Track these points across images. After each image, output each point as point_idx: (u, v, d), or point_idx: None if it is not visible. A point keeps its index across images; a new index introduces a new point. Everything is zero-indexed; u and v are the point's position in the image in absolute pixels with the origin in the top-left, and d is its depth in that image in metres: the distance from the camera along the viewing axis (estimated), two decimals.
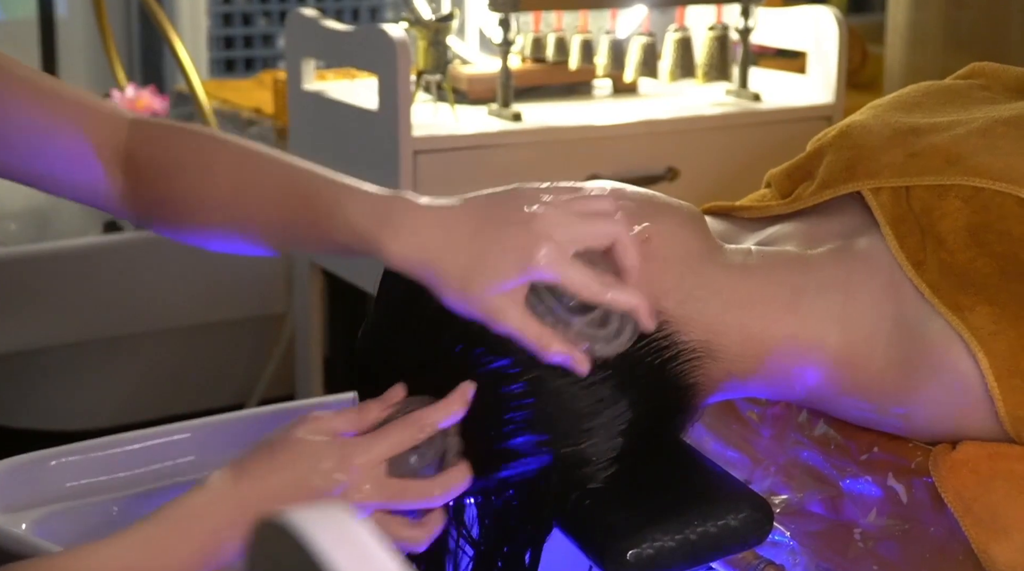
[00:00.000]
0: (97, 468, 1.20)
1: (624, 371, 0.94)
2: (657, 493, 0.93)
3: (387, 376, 0.95)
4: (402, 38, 1.83)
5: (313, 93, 2.10)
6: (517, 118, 1.96)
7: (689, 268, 0.99)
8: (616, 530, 0.91)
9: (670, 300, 0.97)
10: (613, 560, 0.89)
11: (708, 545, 0.92)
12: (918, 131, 1.10)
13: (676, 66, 2.11)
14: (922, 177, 1.05)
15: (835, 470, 1.06)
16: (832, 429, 1.07)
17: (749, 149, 2.11)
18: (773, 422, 1.13)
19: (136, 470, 1.24)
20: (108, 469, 1.21)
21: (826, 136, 1.16)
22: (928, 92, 1.20)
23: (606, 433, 0.93)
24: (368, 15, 4.07)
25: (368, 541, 0.34)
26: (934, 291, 0.99)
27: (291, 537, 0.36)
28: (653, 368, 0.96)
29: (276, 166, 1.01)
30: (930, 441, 1.01)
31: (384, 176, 1.90)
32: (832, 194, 1.09)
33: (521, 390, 0.92)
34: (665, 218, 1.00)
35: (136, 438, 1.28)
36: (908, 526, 1.01)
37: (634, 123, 2.03)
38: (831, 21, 2.15)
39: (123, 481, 1.21)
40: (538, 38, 2.12)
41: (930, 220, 1.03)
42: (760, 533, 0.94)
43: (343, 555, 0.34)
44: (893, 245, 1.02)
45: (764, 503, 0.94)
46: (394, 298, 0.98)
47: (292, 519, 0.36)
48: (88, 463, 1.20)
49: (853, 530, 1.03)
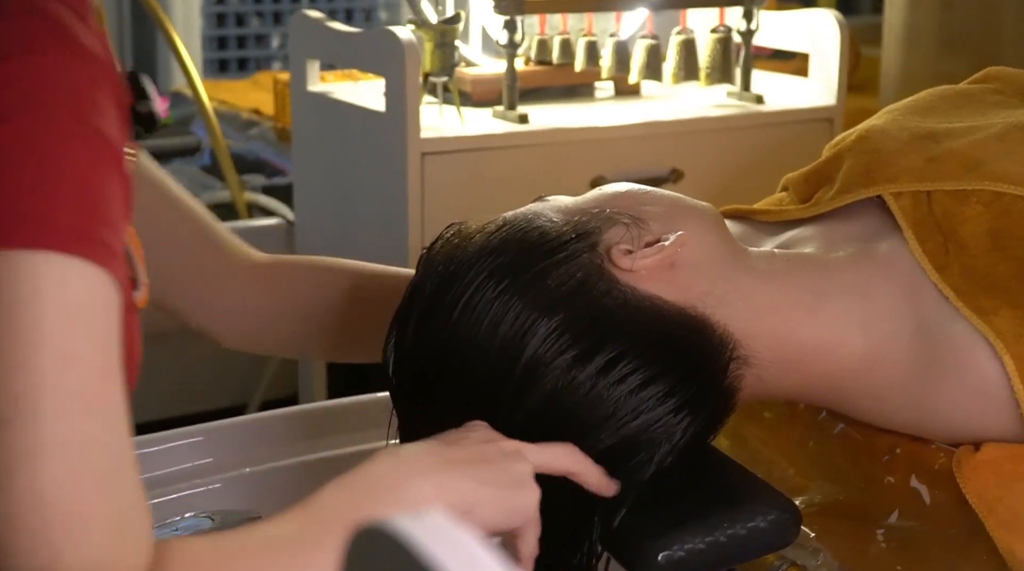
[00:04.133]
0: None
1: (696, 388, 0.95)
2: (686, 496, 0.94)
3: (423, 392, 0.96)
4: (411, 40, 1.83)
5: (318, 94, 2.10)
6: (523, 120, 1.96)
7: (720, 273, 0.99)
8: (646, 533, 0.91)
9: (707, 307, 0.97)
10: (644, 563, 0.90)
11: (737, 547, 0.92)
12: (936, 136, 1.11)
13: (679, 68, 2.12)
14: (942, 182, 1.06)
15: (855, 471, 1.07)
16: (852, 430, 1.08)
17: (752, 151, 2.12)
18: (790, 423, 1.14)
19: (148, 474, 1.24)
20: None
21: (844, 141, 1.17)
22: (944, 96, 1.21)
23: (668, 447, 0.94)
24: (362, 16, 4.07)
25: (475, 546, 0.35)
26: (958, 295, 1.00)
27: (396, 543, 0.36)
28: (722, 385, 0.97)
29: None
30: (952, 443, 1.02)
31: (391, 178, 1.91)
32: (851, 198, 1.10)
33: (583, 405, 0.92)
34: (694, 222, 1.00)
35: (148, 442, 1.28)
36: (930, 527, 1.01)
37: (639, 125, 2.04)
38: (832, 24, 2.16)
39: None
40: (543, 40, 2.12)
41: (951, 225, 1.04)
42: (788, 535, 0.94)
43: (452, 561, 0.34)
44: (915, 249, 1.03)
45: (792, 505, 0.95)
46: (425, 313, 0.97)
47: (395, 525, 0.36)
48: None
49: (875, 531, 1.04)
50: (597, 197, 1.02)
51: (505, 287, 0.93)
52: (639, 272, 0.95)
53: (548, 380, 0.91)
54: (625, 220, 0.98)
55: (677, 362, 0.94)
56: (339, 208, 2.10)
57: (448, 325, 0.93)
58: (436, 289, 0.95)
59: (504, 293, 0.92)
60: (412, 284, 0.97)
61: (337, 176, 2.09)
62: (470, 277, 0.94)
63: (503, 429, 0.89)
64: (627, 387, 0.92)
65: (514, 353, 0.91)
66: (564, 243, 0.96)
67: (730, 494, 0.95)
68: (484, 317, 0.92)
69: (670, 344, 0.94)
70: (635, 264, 0.95)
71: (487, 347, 0.92)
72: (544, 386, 0.91)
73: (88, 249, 0.69)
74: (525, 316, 0.92)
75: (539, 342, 0.91)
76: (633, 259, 0.95)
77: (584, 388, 0.91)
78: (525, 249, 0.95)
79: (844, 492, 1.08)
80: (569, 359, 0.91)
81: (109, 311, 0.70)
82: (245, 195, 2.52)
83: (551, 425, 0.91)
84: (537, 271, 0.94)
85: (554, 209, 1.00)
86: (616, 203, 1.01)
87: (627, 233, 0.97)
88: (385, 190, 1.93)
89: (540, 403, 0.91)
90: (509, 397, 0.91)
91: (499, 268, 0.94)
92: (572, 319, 0.92)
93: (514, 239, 0.96)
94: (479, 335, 0.92)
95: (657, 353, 0.93)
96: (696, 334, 0.95)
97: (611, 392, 0.91)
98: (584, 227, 0.97)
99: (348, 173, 2.04)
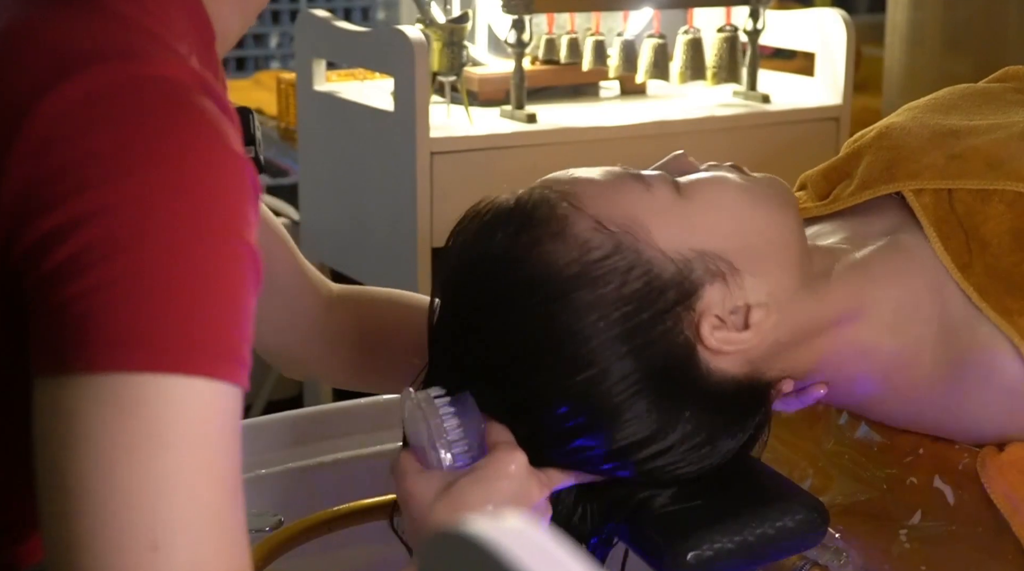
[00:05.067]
0: None
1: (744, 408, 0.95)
2: (714, 495, 0.93)
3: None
4: (420, 39, 1.83)
5: (325, 94, 2.10)
6: (532, 119, 1.96)
7: (790, 333, 0.96)
8: (675, 532, 0.91)
9: (771, 369, 0.96)
10: (673, 562, 0.90)
11: (766, 546, 0.92)
12: (957, 133, 1.11)
13: (686, 67, 2.12)
14: (964, 180, 1.06)
15: (877, 472, 1.07)
16: (874, 431, 1.07)
17: (758, 150, 2.12)
18: (810, 423, 1.14)
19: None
20: None
21: (863, 137, 1.16)
22: (964, 95, 1.20)
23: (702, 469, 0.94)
24: (360, 14, 4.06)
25: (557, 548, 0.34)
26: (982, 294, 0.99)
27: (475, 547, 0.36)
28: (766, 414, 0.97)
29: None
30: (976, 443, 1.01)
31: (400, 178, 1.90)
32: (871, 195, 1.09)
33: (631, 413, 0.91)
34: (782, 271, 0.96)
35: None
36: (955, 527, 1.01)
37: (647, 124, 2.04)
38: (839, 23, 2.16)
39: None
40: (551, 39, 2.12)
41: (973, 223, 1.04)
42: (816, 534, 0.94)
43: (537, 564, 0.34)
44: (938, 246, 1.02)
45: (820, 504, 0.94)
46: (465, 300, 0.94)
47: (474, 529, 0.36)
48: None
49: (898, 531, 1.04)
50: (712, 212, 0.94)
51: (597, 319, 0.89)
52: (722, 350, 0.92)
53: (604, 399, 0.90)
54: (724, 269, 0.92)
55: (728, 425, 0.93)
56: (345, 208, 2.10)
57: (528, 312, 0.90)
58: (524, 284, 0.91)
59: (591, 319, 0.89)
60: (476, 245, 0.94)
61: (343, 176, 2.09)
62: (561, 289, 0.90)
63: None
64: (678, 436, 0.91)
65: (577, 370, 0.89)
66: (664, 295, 0.90)
67: (758, 494, 0.94)
68: (563, 324, 0.89)
69: (726, 414, 0.93)
70: (722, 346, 0.91)
71: (552, 351, 0.90)
72: (595, 403, 0.90)
73: (229, 371, 0.69)
74: (603, 351, 0.89)
75: (609, 383, 0.89)
76: (720, 341, 0.91)
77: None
78: (627, 287, 0.90)
79: (866, 492, 1.08)
80: (630, 398, 0.90)
81: (238, 428, 0.71)
82: None
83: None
84: (631, 317, 0.90)
85: (664, 220, 0.93)
86: (726, 230, 0.94)
87: (722, 298, 0.92)
88: (394, 190, 1.92)
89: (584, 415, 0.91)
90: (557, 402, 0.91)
91: (600, 300, 0.89)
92: (645, 382, 0.89)
93: (618, 270, 0.90)
94: (551, 340, 0.90)
95: (712, 421, 0.92)
96: (756, 398, 0.95)
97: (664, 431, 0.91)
98: (688, 275, 0.91)
99: (355, 173, 2.04)
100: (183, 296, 0.68)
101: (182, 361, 0.68)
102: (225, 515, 0.69)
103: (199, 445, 0.68)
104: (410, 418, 0.91)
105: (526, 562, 0.33)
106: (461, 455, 0.89)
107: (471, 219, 0.95)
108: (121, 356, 0.67)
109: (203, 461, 0.68)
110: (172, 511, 0.67)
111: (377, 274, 2.06)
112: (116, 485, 0.67)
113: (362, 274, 2.13)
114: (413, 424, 0.91)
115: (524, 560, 0.33)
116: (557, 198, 0.92)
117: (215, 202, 0.70)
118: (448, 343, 0.93)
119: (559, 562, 0.34)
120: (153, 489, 0.67)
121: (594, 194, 0.92)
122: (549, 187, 0.94)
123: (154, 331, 0.67)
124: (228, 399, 0.70)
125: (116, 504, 0.66)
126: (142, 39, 0.73)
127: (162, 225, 0.68)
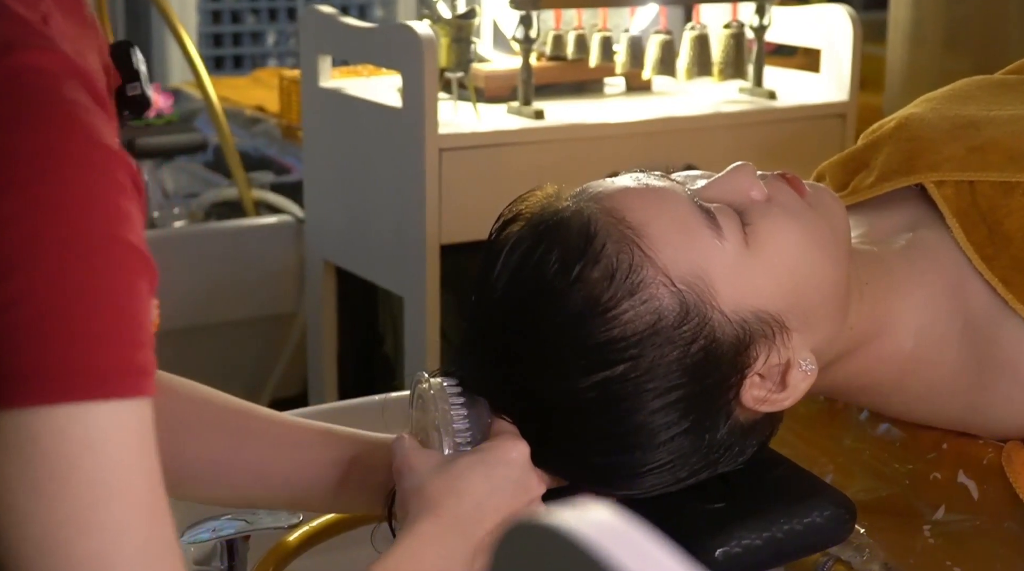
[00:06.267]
0: None
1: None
2: (743, 491, 0.93)
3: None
4: (429, 35, 1.82)
5: (330, 91, 2.09)
6: (539, 116, 1.95)
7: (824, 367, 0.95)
8: (703, 528, 0.90)
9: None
10: (702, 558, 0.89)
11: (794, 542, 0.91)
12: (977, 124, 1.10)
13: (693, 64, 2.12)
14: (987, 172, 1.05)
15: (899, 467, 1.06)
16: (896, 428, 1.07)
17: (764, 146, 2.12)
18: (830, 419, 1.13)
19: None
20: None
21: (881, 128, 1.15)
22: (981, 86, 1.20)
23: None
24: (357, 11, 4.06)
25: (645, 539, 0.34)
26: (1007, 287, 0.99)
27: (559, 539, 0.35)
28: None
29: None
30: (1001, 438, 1.01)
31: (408, 175, 1.89)
32: (891, 186, 1.08)
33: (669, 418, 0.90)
34: (831, 327, 0.95)
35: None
36: (979, 522, 1.01)
37: (654, 120, 2.04)
38: (845, 19, 2.15)
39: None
40: (558, 36, 2.12)
41: (996, 217, 1.03)
42: (845, 530, 0.93)
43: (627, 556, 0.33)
44: (961, 238, 1.02)
45: (847, 500, 0.94)
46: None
47: (557, 520, 0.35)
48: None
49: (922, 526, 1.03)
50: (775, 270, 0.90)
51: (651, 388, 0.87)
52: (757, 410, 0.91)
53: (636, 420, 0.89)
54: (776, 330, 0.90)
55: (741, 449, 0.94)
56: (351, 205, 2.09)
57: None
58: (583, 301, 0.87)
59: (647, 386, 0.87)
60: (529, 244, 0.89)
61: (349, 173, 2.08)
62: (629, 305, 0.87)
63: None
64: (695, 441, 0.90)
65: (622, 429, 0.88)
66: (719, 368, 0.88)
67: (786, 490, 0.94)
68: (615, 393, 0.88)
69: (743, 439, 0.93)
70: (757, 407, 0.90)
71: (600, 415, 0.88)
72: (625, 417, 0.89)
73: (130, 386, 0.66)
74: (651, 423, 0.88)
75: (646, 413, 0.88)
76: (756, 400, 0.90)
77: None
78: (689, 359, 0.88)
79: (887, 488, 1.07)
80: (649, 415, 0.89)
81: (151, 439, 0.67)
82: (252, 193, 2.51)
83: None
84: (684, 386, 0.88)
85: (730, 279, 0.89)
86: (786, 289, 0.91)
87: (767, 356, 0.90)
88: (402, 186, 1.91)
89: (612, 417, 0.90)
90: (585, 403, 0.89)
91: (658, 368, 0.87)
92: (679, 427, 0.89)
93: (682, 341, 0.87)
94: (601, 404, 0.88)
95: (729, 445, 0.92)
96: (772, 422, 0.95)
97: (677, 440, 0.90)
98: (746, 342, 0.89)
99: (361, 169, 2.03)
100: (66, 322, 0.64)
101: (71, 389, 0.64)
102: (153, 541, 0.66)
103: (108, 470, 0.65)
104: (419, 402, 0.90)
105: (617, 557, 0.33)
106: (463, 445, 0.89)
107: (528, 226, 0.89)
108: (8, 393, 0.63)
109: (115, 489, 0.65)
110: (89, 549, 0.64)
111: (383, 271, 2.06)
112: (26, 535, 0.64)
113: (368, 271, 2.13)
114: (421, 408, 0.90)
115: (616, 556, 0.33)
116: (627, 240, 0.87)
117: (91, 213, 0.66)
118: (485, 359, 0.91)
119: (652, 557, 0.33)
120: (64, 534, 0.64)
121: (666, 240, 0.87)
122: (612, 215, 0.88)
123: (38, 362, 0.63)
124: (129, 414, 0.66)
125: (29, 550, 0.64)
126: (5, 24, 0.68)
127: (40, 250, 0.64)
